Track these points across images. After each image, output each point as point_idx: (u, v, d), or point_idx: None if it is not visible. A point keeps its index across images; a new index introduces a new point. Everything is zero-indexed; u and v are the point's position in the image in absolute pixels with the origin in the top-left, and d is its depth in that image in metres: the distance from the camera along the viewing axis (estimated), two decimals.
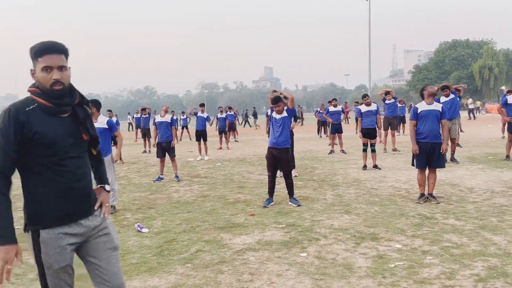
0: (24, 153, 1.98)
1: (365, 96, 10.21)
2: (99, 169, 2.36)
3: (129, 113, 18.75)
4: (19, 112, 1.96)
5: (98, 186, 2.31)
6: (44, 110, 2.01)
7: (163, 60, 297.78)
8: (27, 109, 1.99)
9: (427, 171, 6.22)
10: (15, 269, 4.08)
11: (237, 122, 25.40)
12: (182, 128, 23.27)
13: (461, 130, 13.09)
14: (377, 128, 9.78)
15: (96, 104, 6.71)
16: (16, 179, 2.04)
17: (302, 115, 36.98)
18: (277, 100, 6.35)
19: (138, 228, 5.32)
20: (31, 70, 2.05)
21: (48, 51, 1.98)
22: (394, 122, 13.40)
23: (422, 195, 6.23)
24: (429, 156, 6.10)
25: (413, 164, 6.30)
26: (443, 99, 9.71)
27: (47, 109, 2.01)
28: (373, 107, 9.80)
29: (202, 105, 14.15)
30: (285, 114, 6.37)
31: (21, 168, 2.03)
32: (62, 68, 2.00)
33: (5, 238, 1.89)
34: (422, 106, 6.24)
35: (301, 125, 33.87)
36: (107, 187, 2.31)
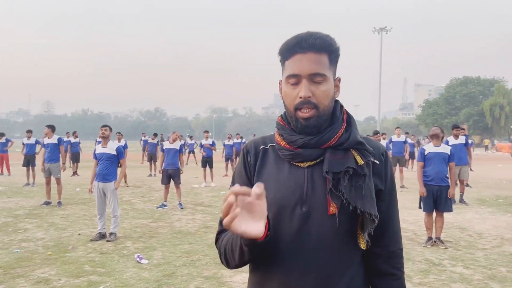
0: None
1: (376, 133, 10.11)
2: None
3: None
4: (249, 150, 1.30)
5: None
6: (277, 152, 1.26)
7: (175, 83, 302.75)
8: (262, 146, 1.29)
9: (434, 214, 6.09)
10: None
11: None
12: (189, 153, 23.28)
13: (471, 169, 12.91)
14: None
15: (109, 129, 6.74)
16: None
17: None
18: None
19: (138, 259, 5.23)
20: (279, 82, 1.28)
21: (298, 48, 1.15)
22: (402, 159, 13.29)
23: (430, 238, 6.08)
24: (436, 199, 5.98)
25: (420, 207, 6.17)
26: (452, 140, 9.50)
27: (282, 152, 1.23)
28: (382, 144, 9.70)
29: (206, 131, 14.38)
30: None
31: None
32: (316, 77, 1.15)
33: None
34: (429, 148, 6.17)
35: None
36: None
